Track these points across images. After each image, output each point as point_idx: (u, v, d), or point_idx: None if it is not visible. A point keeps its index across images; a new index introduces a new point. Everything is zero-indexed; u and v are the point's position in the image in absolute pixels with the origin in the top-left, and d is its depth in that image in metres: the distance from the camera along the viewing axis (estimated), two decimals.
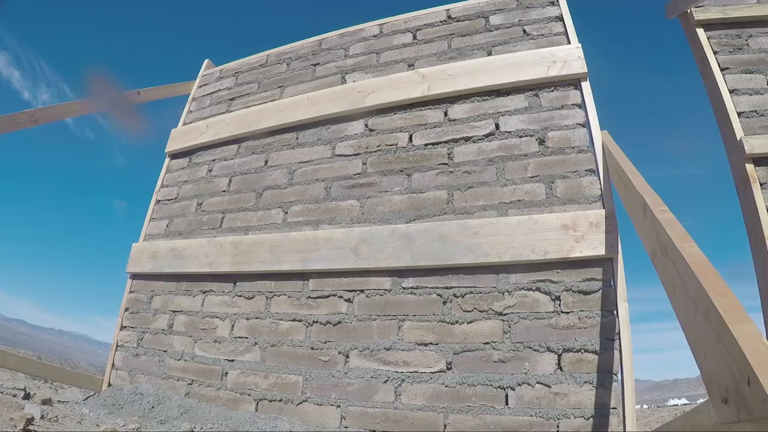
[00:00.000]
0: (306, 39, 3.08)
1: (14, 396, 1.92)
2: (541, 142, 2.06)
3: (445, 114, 2.31)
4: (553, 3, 2.41)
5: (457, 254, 1.90)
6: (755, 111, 2.08)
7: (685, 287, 0.70)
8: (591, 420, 1.61)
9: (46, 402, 1.96)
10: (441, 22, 2.63)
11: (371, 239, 2.08)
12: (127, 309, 2.70)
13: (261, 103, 2.94)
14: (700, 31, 2.28)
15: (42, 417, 1.72)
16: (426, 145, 2.27)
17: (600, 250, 1.72)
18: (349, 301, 2.07)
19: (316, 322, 2.10)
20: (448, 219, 2.04)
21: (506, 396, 1.71)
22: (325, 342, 2.04)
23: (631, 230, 1.44)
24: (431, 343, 1.86)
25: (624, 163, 1.45)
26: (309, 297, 2.16)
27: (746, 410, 0.54)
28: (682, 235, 0.79)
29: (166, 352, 2.42)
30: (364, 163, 2.38)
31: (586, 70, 2.10)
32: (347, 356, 1.98)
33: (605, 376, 1.63)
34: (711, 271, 0.66)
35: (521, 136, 2.10)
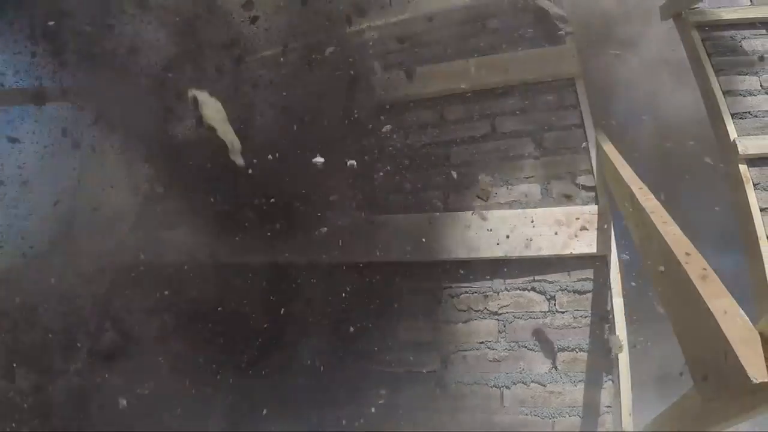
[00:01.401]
0: None
1: None
2: (537, 142, 2.05)
3: (441, 115, 2.30)
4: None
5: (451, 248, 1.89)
6: (749, 112, 2.10)
7: (668, 270, 0.70)
8: (586, 418, 1.60)
9: None
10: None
11: None
12: None
13: None
14: (695, 33, 2.29)
15: None
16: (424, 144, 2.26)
17: (593, 247, 1.72)
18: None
19: None
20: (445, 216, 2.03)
21: (501, 395, 1.70)
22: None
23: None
24: (427, 343, 1.86)
25: (615, 159, 1.46)
26: None
27: (725, 385, 0.54)
28: (664, 219, 0.79)
29: None
30: None
31: (581, 70, 2.10)
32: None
33: (600, 374, 1.63)
34: (690, 250, 0.66)
35: (517, 137, 2.10)
